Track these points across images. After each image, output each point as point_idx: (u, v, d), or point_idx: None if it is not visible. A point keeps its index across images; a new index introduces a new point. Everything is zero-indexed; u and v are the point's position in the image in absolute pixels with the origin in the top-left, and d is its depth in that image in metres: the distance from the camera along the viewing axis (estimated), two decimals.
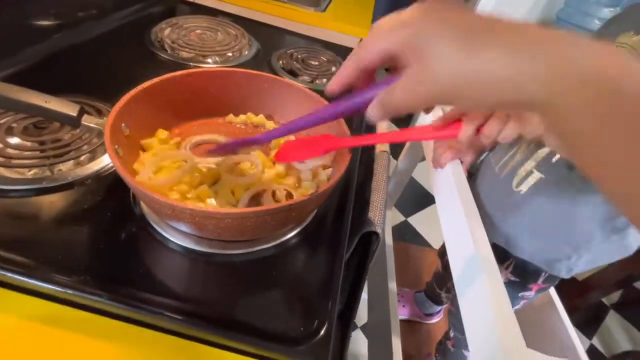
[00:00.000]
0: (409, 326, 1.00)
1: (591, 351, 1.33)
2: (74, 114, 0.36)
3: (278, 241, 0.41)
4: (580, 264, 0.54)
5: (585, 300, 1.39)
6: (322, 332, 0.34)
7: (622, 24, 0.48)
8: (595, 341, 1.39)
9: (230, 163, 0.45)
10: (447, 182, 0.48)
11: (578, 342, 0.79)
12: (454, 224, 0.44)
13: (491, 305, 0.34)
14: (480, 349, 0.35)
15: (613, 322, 1.45)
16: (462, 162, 0.60)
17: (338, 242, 0.43)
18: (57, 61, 0.60)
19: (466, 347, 0.74)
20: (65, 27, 0.66)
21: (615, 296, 1.53)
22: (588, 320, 1.44)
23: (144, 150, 0.45)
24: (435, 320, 1.05)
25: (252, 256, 0.39)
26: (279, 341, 0.33)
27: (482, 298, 0.35)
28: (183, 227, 0.37)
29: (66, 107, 0.36)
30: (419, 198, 1.72)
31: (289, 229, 0.42)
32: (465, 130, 0.36)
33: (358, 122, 0.66)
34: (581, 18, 1.76)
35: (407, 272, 1.14)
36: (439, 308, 1.02)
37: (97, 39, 0.69)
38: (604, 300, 1.51)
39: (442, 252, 0.89)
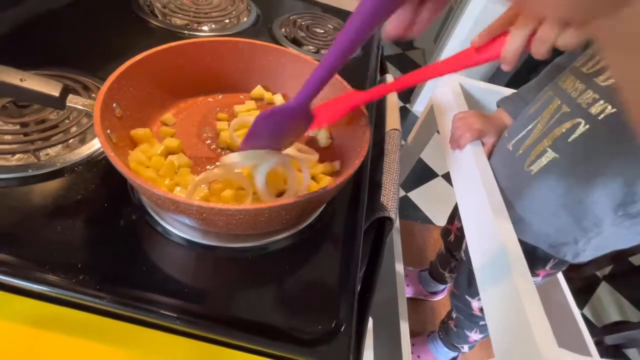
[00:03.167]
0: (413, 304, 1.01)
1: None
2: (56, 94, 0.31)
3: (291, 232, 0.38)
4: (589, 249, 0.53)
5: (580, 273, 1.42)
6: (342, 331, 0.32)
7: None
8: (586, 311, 1.44)
9: None
10: (467, 165, 0.45)
11: (577, 312, 0.81)
12: (475, 212, 0.41)
13: (519, 302, 0.32)
14: (506, 346, 0.33)
15: (604, 293, 1.50)
16: (483, 144, 0.56)
17: (353, 233, 0.41)
18: (33, 29, 0.53)
19: (468, 327, 0.75)
20: None
21: (608, 267, 1.56)
22: (580, 291, 1.48)
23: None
24: (439, 297, 1.06)
25: (264, 249, 0.37)
26: (296, 341, 0.31)
27: (508, 294, 0.33)
28: (187, 221, 0.33)
29: (46, 86, 0.31)
30: (419, 172, 1.70)
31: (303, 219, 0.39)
32: (513, 42, 0.27)
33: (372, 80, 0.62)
34: None
35: (411, 250, 1.14)
36: (443, 286, 1.03)
37: (78, 3, 0.61)
38: (597, 272, 1.55)
39: (445, 233, 0.88)
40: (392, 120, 0.59)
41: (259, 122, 0.33)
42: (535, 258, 0.57)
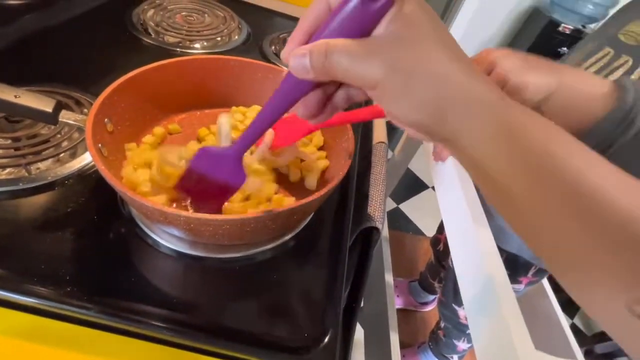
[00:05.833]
0: (403, 315, 1.01)
1: (573, 330, 1.38)
2: (49, 109, 0.32)
3: (278, 242, 0.39)
4: None
5: None
6: (327, 339, 0.33)
7: (634, 12, 0.46)
8: (576, 320, 1.45)
9: None
10: (449, 175, 0.47)
11: (565, 322, 0.82)
12: (456, 220, 0.43)
13: (498, 307, 0.33)
14: (486, 350, 0.34)
15: None
16: None
17: (339, 243, 0.42)
18: (28, 47, 0.55)
19: (456, 337, 0.76)
20: (36, 7, 0.60)
21: None
22: (570, 301, 1.49)
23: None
24: (429, 308, 1.06)
25: (251, 260, 0.38)
26: (282, 349, 0.32)
27: (488, 299, 0.34)
28: (176, 232, 0.34)
29: (40, 102, 0.32)
30: (410, 184, 1.73)
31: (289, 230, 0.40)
32: None
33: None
34: (574, 2, 1.75)
35: (401, 261, 1.15)
36: (433, 297, 1.04)
37: (73, 20, 0.63)
38: None
39: (434, 242, 0.90)
40: (379, 133, 0.61)
41: (196, 159, 0.33)
42: (517, 266, 0.58)
